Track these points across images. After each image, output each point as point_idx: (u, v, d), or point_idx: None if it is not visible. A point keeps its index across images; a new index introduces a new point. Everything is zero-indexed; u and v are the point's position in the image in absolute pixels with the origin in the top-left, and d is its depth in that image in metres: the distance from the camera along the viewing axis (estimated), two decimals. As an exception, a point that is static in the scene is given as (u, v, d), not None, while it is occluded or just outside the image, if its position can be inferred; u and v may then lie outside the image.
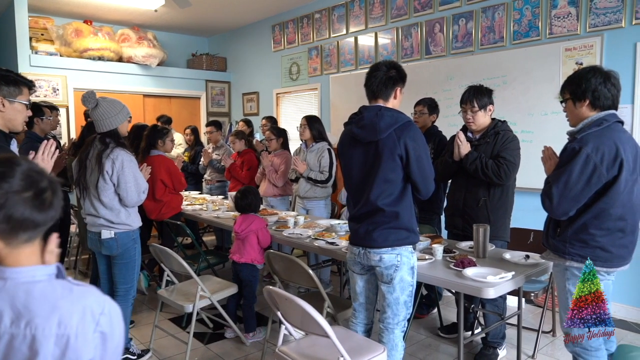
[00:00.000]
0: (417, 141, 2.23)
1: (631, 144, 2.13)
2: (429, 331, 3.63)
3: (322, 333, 2.07)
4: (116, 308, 1.10)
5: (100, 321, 1.04)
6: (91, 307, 1.04)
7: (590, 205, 2.12)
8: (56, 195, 1.07)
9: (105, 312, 1.06)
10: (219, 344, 3.49)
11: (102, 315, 1.05)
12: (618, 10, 3.64)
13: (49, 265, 1.09)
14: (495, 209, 3.02)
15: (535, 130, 4.10)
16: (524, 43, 4.19)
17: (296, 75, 6.60)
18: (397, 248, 2.26)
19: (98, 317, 1.04)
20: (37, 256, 1.08)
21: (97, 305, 1.06)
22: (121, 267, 3.07)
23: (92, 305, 1.05)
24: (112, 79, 6.79)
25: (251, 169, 5.13)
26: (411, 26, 5.07)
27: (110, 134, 2.96)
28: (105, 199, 2.94)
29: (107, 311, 1.06)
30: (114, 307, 1.09)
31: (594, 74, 2.15)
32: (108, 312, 1.06)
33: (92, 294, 1.08)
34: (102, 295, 1.09)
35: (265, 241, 3.40)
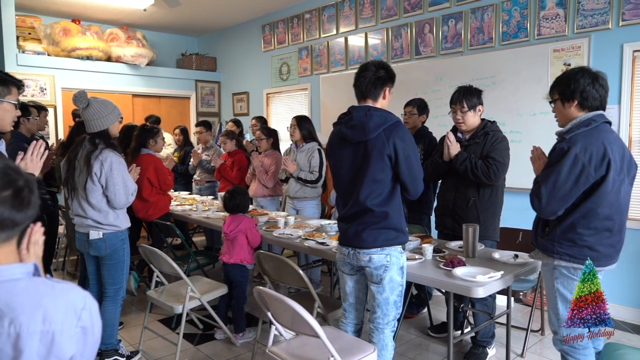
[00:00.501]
0: (406, 141, 2.23)
1: (618, 144, 2.15)
2: (419, 331, 3.65)
3: (312, 333, 2.07)
4: (95, 303, 1.11)
5: (82, 316, 1.05)
6: (74, 302, 1.05)
7: (578, 205, 2.14)
8: (33, 193, 1.07)
9: (86, 307, 1.07)
10: (209, 344, 3.48)
11: (83, 310, 1.06)
12: (605, 12, 3.68)
13: (27, 263, 1.09)
14: (484, 209, 3.03)
15: (524, 130, 4.13)
16: (513, 44, 4.22)
17: (286, 75, 6.59)
18: (386, 248, 2.27)
19: (80, 312, 1.05)
20: (15, 255, 1.09)
21: (79, 300, 1.07)
22: (110, 268, 3.05)
23: (74, 300, 1.06)
24: (100, 79, 6.73)
25: (241, 169, 5.11)
26: (401, 27, 5.09)
27: (101, 135, 2.94)
28: (94, 200, 2.92)
29: (88, 306, 1.07)
30: (94, 302, 1.10)
31: (582, 75, 2.17)
32: (89, 307, 1.08)
33: (74, 289, 1.08)
34: (83, 291, 1.10)
35: (254, 241, 3.39)
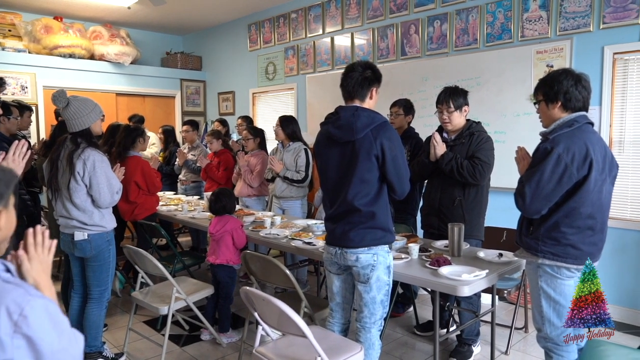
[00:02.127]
0: (393, 141, 2.25)
1: (600, 144, 2.19)
2: (405, 329, 3.67)
3: (299, 333, 2.07)
4: (42, 310, 1.03)
5: (19, 322, 0.99)
6: (7, 306, 0.99)
7: (561, 204, 2.17)
8: None
9: (24, 314, 0.99)
10: (195, 345, 3.46)
11: (20, 317, 0.99)
12: (587, 14, 3.74)
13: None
14: (470, 209, 3.06)
15: (508, 130, 4.19)
16: (497, 45, 4.27)
17: (272, 75, 6.58)
18: (373, 248, 2.28)
19: (16, 318, 0.99)
20: None
21: (14, 305, 1.00)
22: (95, 270, 3.01)
23: (8, 304, 0.99)
24: (83, 77, 6.64)
25: (227, 169, 5.09)
26: (387, 27, 5.11)
27: (83, 134, 2.90)
28: (78, 200, 2.88)
29: (27, 313, 1.00)
30: (40, 310, 1.02)
31: (566, 77, 2.20)
32: (28, 314, 1.00)
33: (13, 292, 1.02)
34: (27, 296, 1.02)
35: (240, 241, 3.38)
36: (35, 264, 1.20)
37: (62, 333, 1.07)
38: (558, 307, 2.24)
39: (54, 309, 1.06)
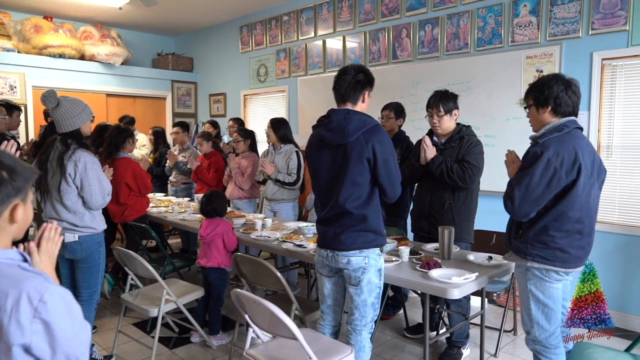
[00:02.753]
0: (384, 144, 2.26)
1: (589, 149, 2.22)
2: (395, 332, 3.68)
3: (289, 335, 2.07)
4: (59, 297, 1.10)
5: (38, 308, 1.06)
6: (28, 292, 1.06)
7: (550, 208, 2.20)
8: None
9: (44, 300, 1.07)
10: (185, 348, 3.44)
11: (40, 303, 1.06)
12: (576, 20, 3.79)
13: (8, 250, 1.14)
14: (459, 212, 3.08)
15: (497, 134, 4.22)
16: (488, 50, 4.31)
17: (264, 77, 6.58)
18: (364, 251, 2.28)
19: (36, 304, 1.06)
20: None
21: (35, 291, 1.07)
22: (85, 272, 2.99)
23: (29, 290, 1.06)
24: (73, 77, 6.60)
25: (218, 171, 5.07)
26: (379, 31, 5.14)
27: (73, 135, 2.88)
28: (68, 202, 2.86)
29: (47, 299, 1.07)
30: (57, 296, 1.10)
31: (556, 82, 2.23)
32: (47, 300, 1.07)
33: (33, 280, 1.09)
34: (45, 283, 1.10)
35: (231, 244, 3.37)
36: (44, 257, 1.32)
37: (76, 320, 1.14)
38: (547, 310, 2.26)
39: (69, 296, 1.14)
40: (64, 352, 1.10)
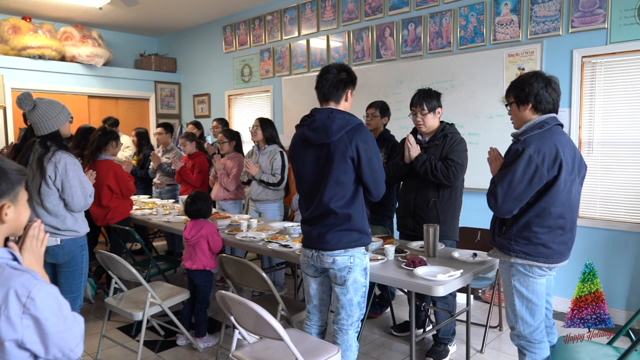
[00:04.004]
0: (368, 143, 2.26)
1: (570, 145, 2.24)
2: (383, 330, 3.69)
3: (276, 336, 2.06)
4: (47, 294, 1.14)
5: (27, 304, 1.10)
6: (15, 289, 1.11)
7: (532, 204, 2.22)
8: None
9: (32, 296, 1.11)
10: (171, 351, 3.40)
11: (28, 299, 1.11)
12: (556, 19, 3.84)
13: None
14: (444, 209, 3.10)
15: (481, 132, 4.26)
16: (470, 48, 4.34)
17: (248, 77, 6.55)
18: (349, 250, 2.28)
19: (24, 300, 1.10)
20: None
21: (22, 288, 1.11)
22: (67, 276, 2.94)
23: (16, 287, 1.11)
24: (54, 79, 6.50)
25: (202, 171, 5.04)
26: (362, 30, 5.15)
27: (52, 137, 2.83)
28: (49, 204, 2.81)
29: (34, 295, 1.11)
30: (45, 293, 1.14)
31: (536, 79, 2.25)
32: (35, 296, 1.11)
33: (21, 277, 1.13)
34: (33, 280, 1.14)
35: (216, 246, 3.34)
36: (28, 254, 1.35)
37: (66, 315, 1.19)
38: (531, 305, 2.28)
39: (57, 293, 1.18)
40: (57, 346, 1.15)
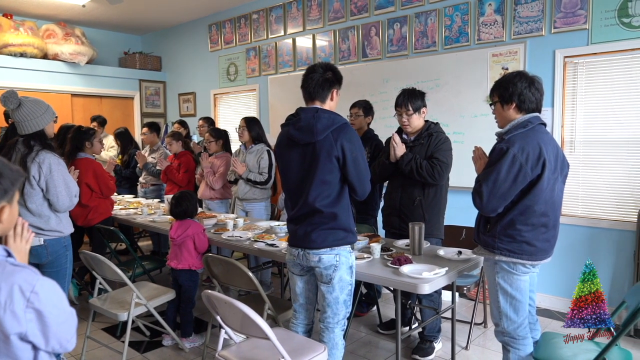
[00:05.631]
0: (353, 143, 2.26)
1: (552, 144, 2.27)
2: (369, 328, 3.71)
3: (262, 335, 2.06)
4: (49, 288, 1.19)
5: (31, 298, 1.15)
6: (20, 284, 1.15)
7: (516, 203, 2.24)
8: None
9: (35, 291, 1.15)
10: (157, 352, 3.38)
11: (32, 294, 1.15)
12: (539, 19, 3.88)
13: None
14: (429, 208, 3.12)
15: (466, 131, 4.29)
16: (455, 48, 4.38)
17: (234, 76, 6.52)
18: (335, 248, 2.29)
19: (29, 295, 1.15)
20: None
21: (25, 283, 1.15)
22: (51, 276, 2.82)
23: (20, 282, 1.15)
24: (36, 77, 6.40)
25: (188, 171, 5.00)
26: (348, 29, 5.16)
27: (36, 136, 2.79)
28: (32, 205, 2.77)
29: (39, 290, 1.16)
30: (47, 287, 1.19)
31: (520, 79, 2.28)
32: (39, 291, 1.16)
33: (22, 272, 1.17)
34: (34, 275, 1.18)
35: (202, 246, 3.33)
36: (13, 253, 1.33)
37: (65, 307, 1.24)
38: (514, 302, 2.31)
39: (57, 287, 1.23)
40: (57, 337, 1.21)
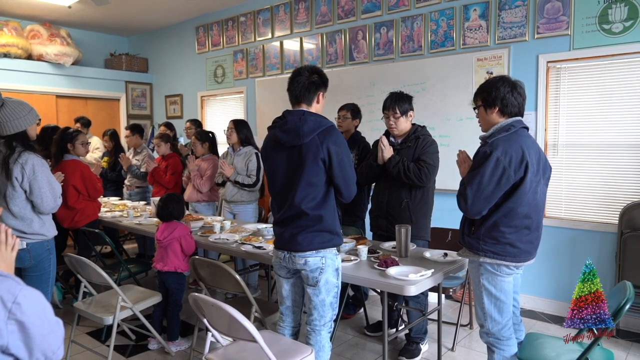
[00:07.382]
0: (339, 145, 2.28)
1: (535, 147, 2.31)
2: (356, 330, 3.72)
3: (249, 338, 2.06)
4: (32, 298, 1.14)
5: (12, 310, 1.09)
6: (1, 295, 1.10)
7: (500, 205, 2.27)
8: None
9: (17, 302, 1.10)
10: (142, 355, 3.36)
11: (14, 305, 1.10)
12: (522, 24, 3.95)
13: None
14: (416, 210, 3.15)
15: (452, 134, 4.34)
16: (441, 52, 4.43)
17: (221, 78, 6.51)
18: (321, 251, 2.30)
19: (10, 306, 1.09)
20: None
21: (7, 294, 1.10)
22: (34, 280, 2.86)
23: (2, 293, 1.10)
24: (20, 78, 6.32)
25: (175, 173, 4.97)
26: (335, 32, 5.18)
27: (18, 137, 2.76)
28: (15, 207, 2.74)
29: (20, 300, 1.11)
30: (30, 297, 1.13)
31: (502, 83, 2.32)
32: (21, 301, 1.11)
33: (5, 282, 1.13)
34: (17, 285, 1.13)
35: (188, 248, 3.31)
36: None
37: (50, 318, 1.19)
38: (499, 303, 2.34)
39: (41, 297, 1.18)
40: (41, 350, 1.15)
